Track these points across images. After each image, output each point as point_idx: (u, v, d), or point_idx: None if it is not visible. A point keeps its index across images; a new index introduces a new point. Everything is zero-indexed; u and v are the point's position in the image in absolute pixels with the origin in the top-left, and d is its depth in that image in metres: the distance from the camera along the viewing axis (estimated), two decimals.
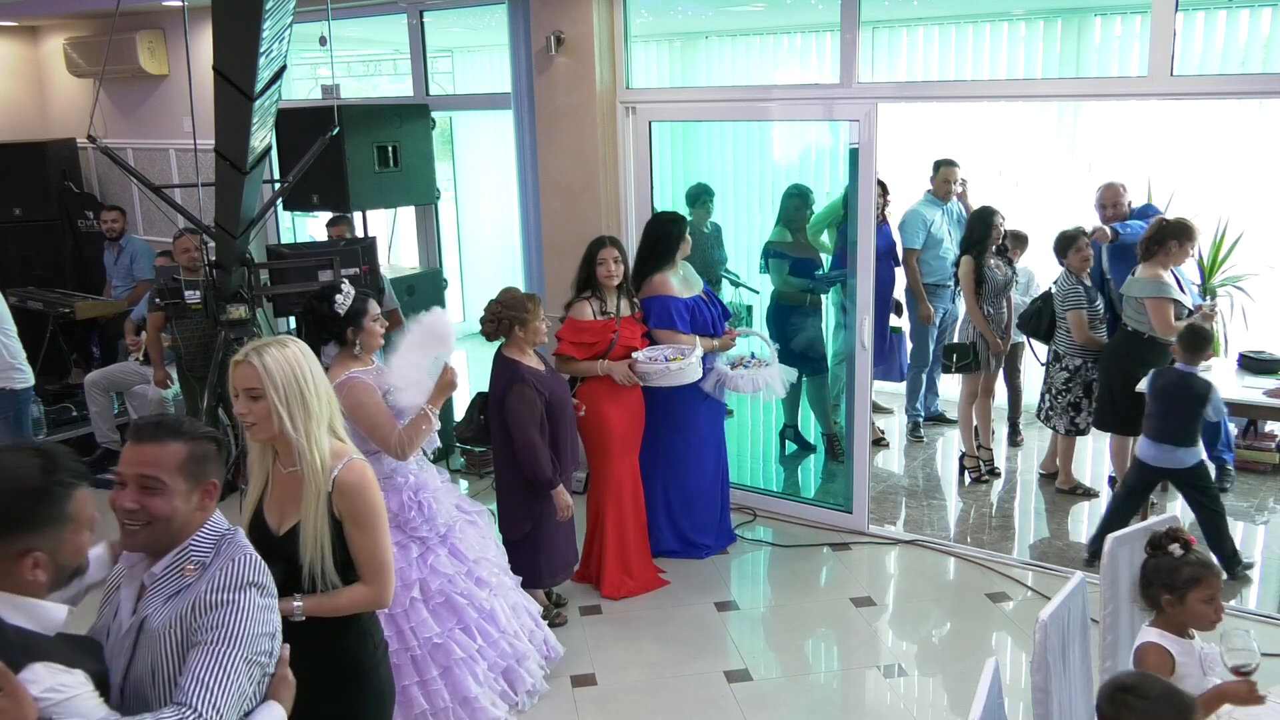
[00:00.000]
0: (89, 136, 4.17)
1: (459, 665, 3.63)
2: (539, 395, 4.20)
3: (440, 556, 3.69)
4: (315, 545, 2.46)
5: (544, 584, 4.49)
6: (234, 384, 2.47)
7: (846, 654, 4.37)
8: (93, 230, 7.71)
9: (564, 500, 4.28)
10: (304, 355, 2.48)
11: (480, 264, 9.47)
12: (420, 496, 3.67)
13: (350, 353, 3.62)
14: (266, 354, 2.43)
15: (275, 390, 2.41)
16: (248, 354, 2.45)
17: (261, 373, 2.41)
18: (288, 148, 5.71)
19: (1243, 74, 5.30)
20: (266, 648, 1.91)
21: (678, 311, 4.86)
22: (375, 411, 3.54)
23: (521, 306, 4.23)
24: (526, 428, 4.17)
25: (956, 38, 6.51)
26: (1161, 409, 4.59)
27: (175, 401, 6.36)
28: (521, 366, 4.24)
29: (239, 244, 4.03)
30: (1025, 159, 7.00)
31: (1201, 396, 4.50)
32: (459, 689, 3.61)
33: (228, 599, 1.87)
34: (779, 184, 5.97)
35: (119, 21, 7.14)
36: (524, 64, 5.71)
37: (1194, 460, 4.59)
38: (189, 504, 1.95)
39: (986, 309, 5.74)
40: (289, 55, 3.55)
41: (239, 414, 2.47)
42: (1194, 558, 2.74)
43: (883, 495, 5.86)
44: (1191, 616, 2.73)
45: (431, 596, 3.64)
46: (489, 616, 3.77)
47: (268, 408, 2.43)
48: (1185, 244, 5.03)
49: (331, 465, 2.47)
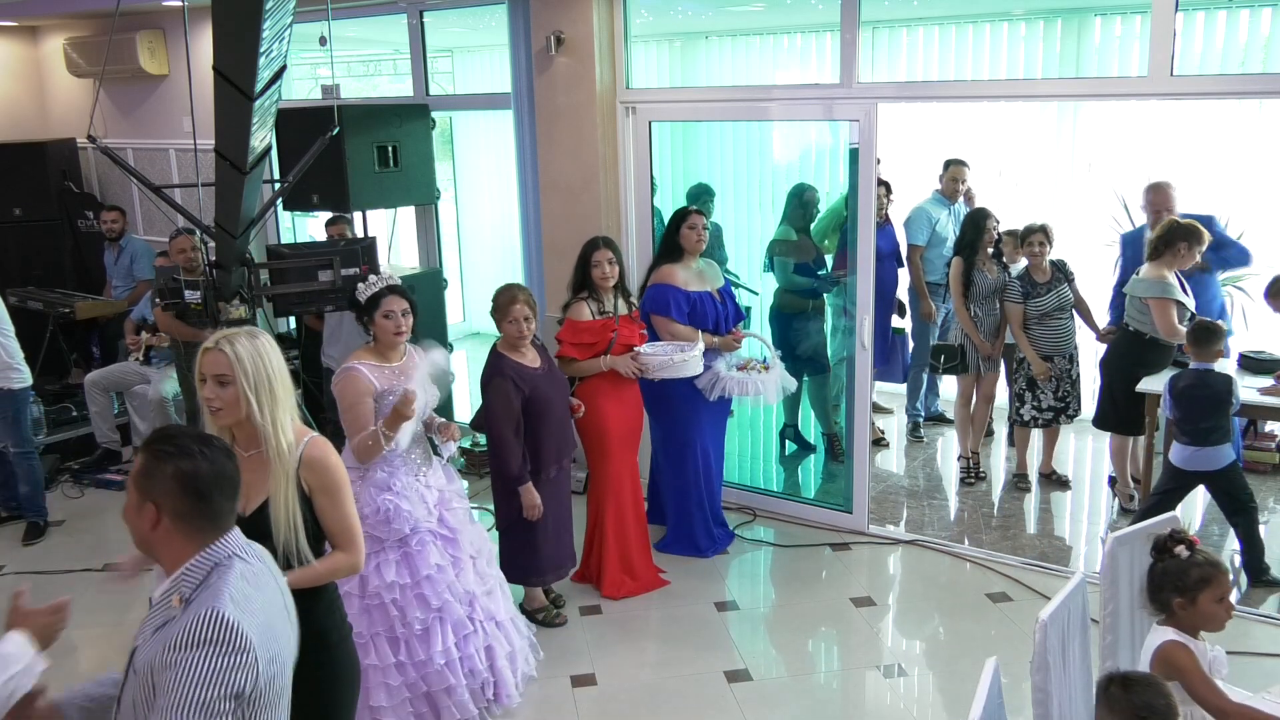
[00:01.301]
0: (89, 136, 4.16)
1: (372, 670, 3.55)
2: (518, 391, 4.22)
3: (389, 561, 3.62)
4: (288, 524, 2.56)
5: (533, 582, 4.50)
6: (201, 370, 2.54)
7: (846, 654, 4.37)
8: (93, 230, 7.71)
9: (530, 499, 4.25)
10: (271, 346, 2.58)
11: (480, 264, 9.48)
12: (381, 498, 3.62)
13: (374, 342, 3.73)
14: (237, 342, 2.52)
15: (245, 377, 2.51)
16: (218, 342, 2.53)
17: (232, 359, 2.50)
18: (288, 148, 5.71)
19: (1243, 74, 5.30)
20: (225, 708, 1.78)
21: (675, 301, 4.86)
22: (349, 408, 3.59)
23: (500, 305, 4.27)
24: (498, 422, 4.20)
25: (956, 38, 6.51)
26: (1185, 412, 4.57)
27: (175, 401, 6.36)
28: (506, 361, 4.26)
29: (239, 244, 4.02)
30: (1025, 159, 7.00)
31: (1223, 393, 4.50)
32: (367, 694, 3.53)
33: (178, 660, 1.77)
34: (779, 184, 5.98)
35: (119, 21, 7.15)
36: (524, 64, 5.71)
37: (1226, 461, 4.56)
38: (140, 518, 1.91)
39: (976, 311, 5.74)
40: (289, 55, 3.55)
41: (205, 399, 2.55)
42: (1201, 558, 2.72)
43: (883, 495, 5.86)
44: (1203, 617, 2.71)
45: (367, 596, 3.59)
46: (420, 636, 3.63)
47: (236, 394, 2.52)
48: (1194, 247, 5.01)
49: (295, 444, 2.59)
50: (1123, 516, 5.40)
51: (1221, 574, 2.71)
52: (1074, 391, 5.66)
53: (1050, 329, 5.53)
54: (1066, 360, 5.61)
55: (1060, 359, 5.58)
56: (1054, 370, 5.56)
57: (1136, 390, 5.04)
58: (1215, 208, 6.20)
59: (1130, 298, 5.19)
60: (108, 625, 4.65)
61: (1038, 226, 5.52)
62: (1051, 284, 5.53)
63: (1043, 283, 5.52)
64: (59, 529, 5.70)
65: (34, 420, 5.70)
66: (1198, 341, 4.55)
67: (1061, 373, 5.59)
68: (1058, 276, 5.55)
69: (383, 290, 3.70)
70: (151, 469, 1.90)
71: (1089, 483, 6.10)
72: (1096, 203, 6.70)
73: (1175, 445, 4.65)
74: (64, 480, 6.28)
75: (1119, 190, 6.54)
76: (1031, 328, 5.54)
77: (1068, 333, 5.58)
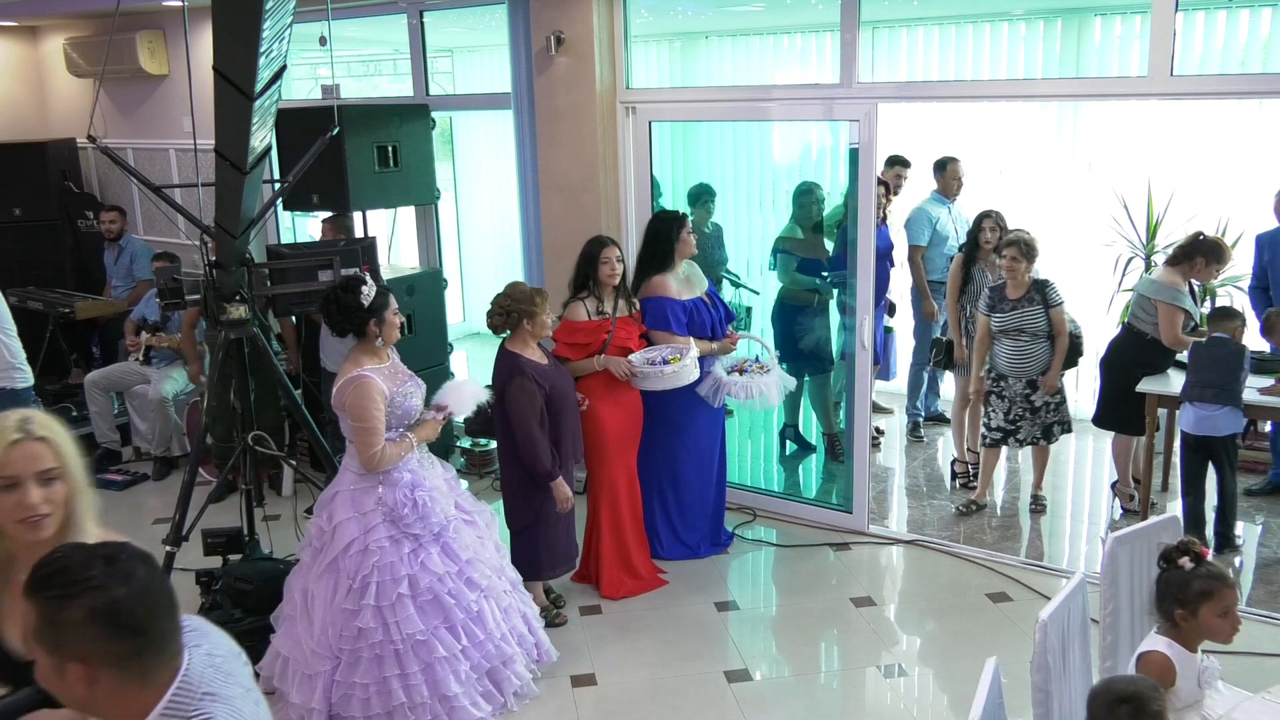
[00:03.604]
0: (89, 136, 4.16)
1: (441, 663, 3.67)
2: (539, 388, 4.25)
3: (432, 555, 3.73)
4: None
5: (544, 576, 4.53)
6: (12, 471, 1.93)
7: (846, 654, 4.37)
8: (93, 230, 7.71)
9: (563, 492, 4.33)
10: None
11: (480, 264, 9.47)
12: (416, 494, 3.71)
13: (370, 345, 3.74)
14: (54, 425, 2.00)
15: (73, 470, 1.99)
16: (29, 429, 1.96)
17: (57, 446, 1.98)
18: (288, 148, 5.70)
19: (1243, 74, 5.30)
20: None
21: (674, 314, 4.85)
22: (370, 417, 3.61)
23: (529, 300, 4.29)
24: (526, 420, 4.21)
25: (956, 38, 6.51)
26: (1197, 366, 4.71)
27: (175, 401, 6.36)
28: (522, 359, 4.28)
29: (239, 244, 4.02)
30: (1025, 159, 7.00)
31: (1237, 354, 4.63)
32: (439, 686, 3.66)
33: None
34: (779, 184, 5.98)
35: (119, 21, 7.14)
36: (524, 64, 5.71)
37: (1231, 430, 4.68)
38: (69, 683, 1.50)
39: (970, 310, 5.71)
40: (289, 55, 3.55)
41: (25, 510, 1.94)
42: (1205, 570, 2.69)
43: (883, 495, 5.86)
44: (1206, 630, 2.69)
45: (420, 593, 3.68)
46: (476, 618, 3.79)
47: (66, 492, 1.98)
48: (1213, 264, 5.00)
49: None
50: (1125, 518, 5.40)
51: (1226, 588, 2.68)
52: (1034, 419, 5.29)
53: (1009, 348, 5.23)
54: (1024, 385, 5.25)
55: (1015, 381, 5.27)
56: (1005, 391, 5.30)
57: (1137, 390, 5.04)
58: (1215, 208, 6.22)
59: (1138, 295, 5.19)
60: None
61: (1015, 239, 5.21)
62: (1021, 303, 5.20)
63: (1012, 299, 5.22)
64: None
65: None
66: (1216, 317, 4.78)
67: (1016, 396, 5.28)
68: (1031, 297, 5.19)
69: (384, 293, 3.77)
70: (55, 619, 1.47)
71: (1089, 483, 6.11)
72: (1096, 203, 6.69)
73: (1185, 410, 4.74)
74: None
75: (1119, 190, 6.54)
76: (994, 342, 5.34)
77: (1029, 357, 5.21)
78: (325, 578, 3.68)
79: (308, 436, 4.67)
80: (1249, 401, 4.69)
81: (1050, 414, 5.31)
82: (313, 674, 3.66)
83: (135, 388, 6.51)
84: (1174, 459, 5.53)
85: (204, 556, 4.48)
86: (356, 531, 3.66)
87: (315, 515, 3.84)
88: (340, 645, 3.63)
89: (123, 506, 5.99)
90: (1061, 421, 5.35)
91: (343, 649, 3.63)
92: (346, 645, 3.63)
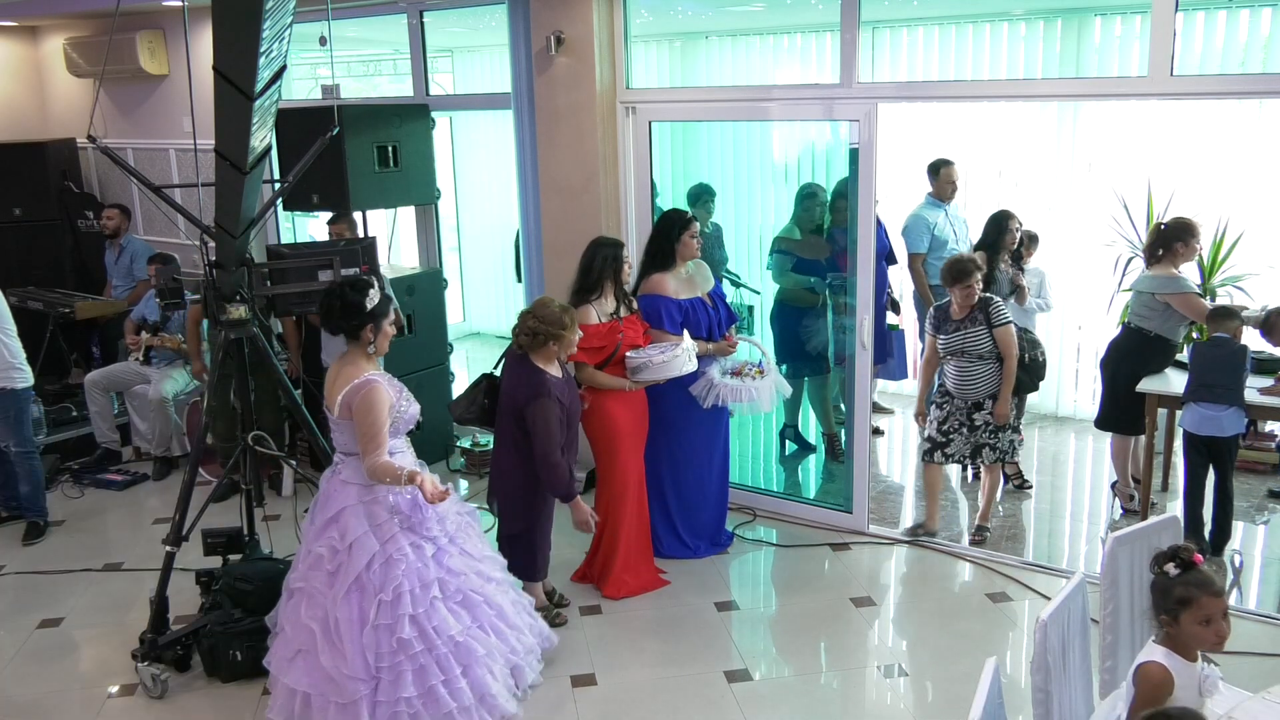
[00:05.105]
0: (89, 136, 4.15)
1: (479, 663, 3.64)
2: (560, 407, 4.21)
3: (453, 555, 3.72)
4: None
5: (539, 576, 4.53)
6: None
7: (846, 654, 4.37)
8: (93, 230, 7.72)
9: (583, 514, 4.29)
10: None
11: (480, 264, 9.47)
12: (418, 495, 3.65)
13: (363, 350, 3.67)
14: None
15: None
16: None
17: None
18: (288, 148, 5.71)
19: (1243, 74, 5.30)
20: None
21: (668, 312, 4.84)
22: (375, 421, 3.55)
23: (559, 322, 4.20)
24: (551, 446, 4.15)
25: (956, 38, 6.51)
26: (1199, 368, 4.74)
27: (175, 401, 6.36)
28: (547, 377, 4.22)
29: (239, 244, 4.02)
30: (1025, 159, 7.00)
31: (1237, 353, 4.67)
32: (478, 686, 3.62)
33: None
34: (780, 184, 5.98)
35: (119, 21, 7.15)
36: (524, 64, 5.71)
37: (1234, 431, 4.71)
38: None
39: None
40: (289, 55, 3.55)
41: None
42: (1188, 577, 2.63)
43: (883, 495, 5.86)
44: (1189, 638, 2.64)
45: (450, 595, 3.65)
46: (501, 612, 3.81)
47: None
48: (1190, 241, 5.04)
49: None
50: (1125, 518, 5.40)
51: (1207, 596, 2.61)
52: (968, 436, 5.10)
53: (955, 368, 5.07)
54: (969, 405, 5.07)
55: (961, 402, 5.09)
56: (945, 403, 5.13)
57: (1137, 390, 5.04)
58: (1215, 208, 6.22)
59: (1137, 294, 5.19)
60: (108, 625, 4.65)
61: (976, 266, 5.00)
62: (964, 323, 5.01)
63: (955, 319, 5.04)
64: (59, 529, 5.70)
65: (34, 420, 5.70)
66: (1216, 317, 4.80)
67: (956, 409, 5.10)
68: (975, 317, 4.99)
69: (386, 300, 3.72)
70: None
71: (1089, 483, 6.11)
72: (1096, 203, 6.69)
73: (1188, 410, 4.76)
74: (64, 480, 6.28)
75: (1119, 190, 6.54)
76: (941, 361, 5.17)
77: (975, 379, 5.02)
78: (350, 599, 3.56)
79: (308, 436, 4.66)
80: (1249, 401, 4.69)
81: (985, 435, 5.09)
82: (351, 701, 3.51)
83: (135, 388, 6.51)
84: (1174, 459, 5.54)
85: (204, 556, 4.47)
86: (375, 545, 3.57)
87: (318, 532, 3.69)
88: (378, 664, 3.52)
89: (123, 506, 5.99)
90: (995, 447, 5.11)
91: (381, 666, 3.52)
92: (385, 662, 3.52)
